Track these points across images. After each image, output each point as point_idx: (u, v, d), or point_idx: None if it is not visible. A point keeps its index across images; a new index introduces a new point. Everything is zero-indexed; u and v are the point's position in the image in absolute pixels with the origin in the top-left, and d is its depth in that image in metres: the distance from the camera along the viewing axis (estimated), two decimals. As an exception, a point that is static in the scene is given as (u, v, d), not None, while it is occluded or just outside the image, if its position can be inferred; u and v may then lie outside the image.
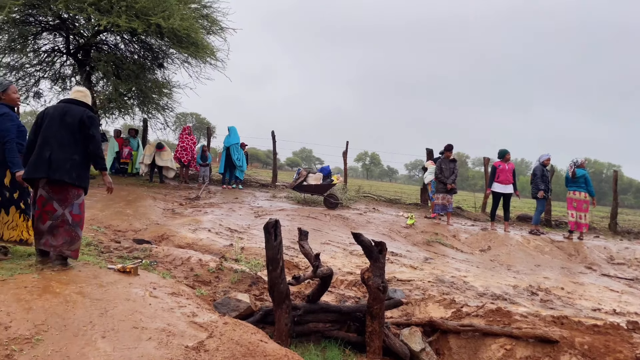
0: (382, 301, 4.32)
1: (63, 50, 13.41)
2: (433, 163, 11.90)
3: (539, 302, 6.00)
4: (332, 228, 9.16)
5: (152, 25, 10.81)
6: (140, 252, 5.76)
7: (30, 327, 2.70)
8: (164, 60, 14.03)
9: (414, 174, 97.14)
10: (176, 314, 3.41)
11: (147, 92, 13.52)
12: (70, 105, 4.36)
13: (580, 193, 10.01)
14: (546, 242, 9.65)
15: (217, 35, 13.54)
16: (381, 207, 13.22)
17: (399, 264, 7.13)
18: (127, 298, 3.43)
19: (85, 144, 4.25)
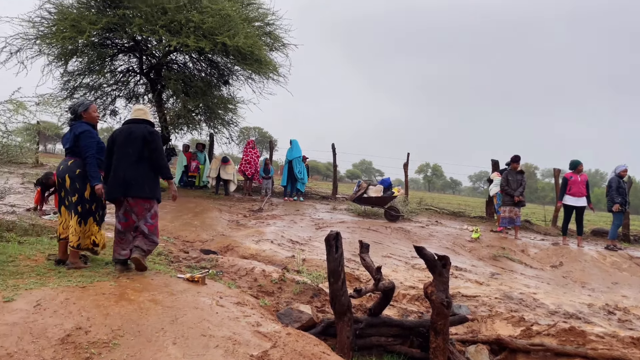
0: (446, 317, 4.22)
1: (137, 70, 14.26)
2: (499, 175, 11.52)
3: (616, 322, 5.63)
4: (393, 241, 9.06)
5: (219, 44, 11.28)
6: (207, 262, 5.97)
7: (108, 332, 2.87)
8: (229, 77, 14.58)
9: (478, 185, 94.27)
10: (241, 323, 3.50)
11: (213, 108, 14.08)
12: (133, 125, 4.78)
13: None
14: (624, 259, 9.04)
15: (280, 52, 13.93)
16: (444, 220, 12.92)
17: (463, 279, 6.93)
18: (195, 306, 3.57)
19: (151, 157, 4.69)
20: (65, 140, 4.71)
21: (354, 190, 12.17)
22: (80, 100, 4.78)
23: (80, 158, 4.59)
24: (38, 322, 2.90)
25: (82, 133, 4.56)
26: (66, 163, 4.63)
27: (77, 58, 12.58)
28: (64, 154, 4.90)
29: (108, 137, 4.92)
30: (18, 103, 5.45)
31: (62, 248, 4.74)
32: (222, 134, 15.42)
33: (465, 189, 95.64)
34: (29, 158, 16.92)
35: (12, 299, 3.22)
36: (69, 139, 4.64)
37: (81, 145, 4.54)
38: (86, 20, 10.64)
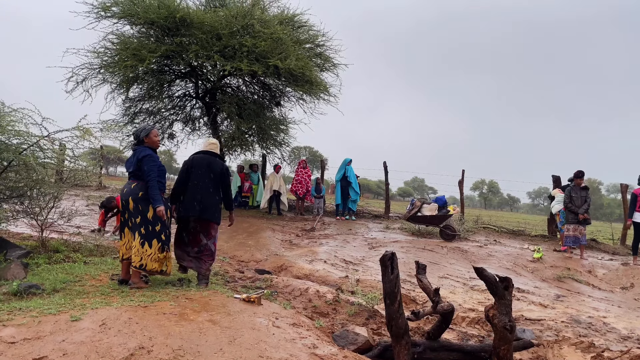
0: (509, 342, 4.02)
1: (193, 95, 14.81)
2: (561, 191, 11.01)
3: (700, 350, 5.17)
4: (450, 261, 8.81)
5: (271, 67, 11.55)
6: (262, 282, 6.02)
7: (169, 351, 2.93)
8: (281, 98, 14.86)
9: (537, 202, 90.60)
10: (298, 345, 3.48)
11: (265, 129, 14.36)
12: (211, 157, 5.49)
13: None
14: None
15: (330, 72, 14.08)
16: (503, 239, 12.45)
17: (526, 302, 6.61)
18: (252, 327, 3.59)
19: (223, 190, 5.46)
20: (129, 164, 4.93)
21: (407, 209, 11.98)
22: (142, 125, 5.02)
23: (142, 181, 4.78)
24: (103, 341, 2.99)
25: (145, 157, 4.76)
26: (129, 186, 4.83)
27: (138, 85, 13.25)
28: (127, 177, 5.12)
29: (185, 160, 5.54)
30: (85, 129, 5.76)
31: (125, 268, 4.92)
32: (274, 154, 15.69)
33: (523, 206, 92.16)
34: (93, 181, 17.87)
35: (79, 318, 3.36)
36: (132, 162, 4.85)
37: (144, 169, 4.73)
38: (146, 49, 11.20)
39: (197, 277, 5.34)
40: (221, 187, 5.42)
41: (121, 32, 12.31)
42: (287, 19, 13.20)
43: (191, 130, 15.55)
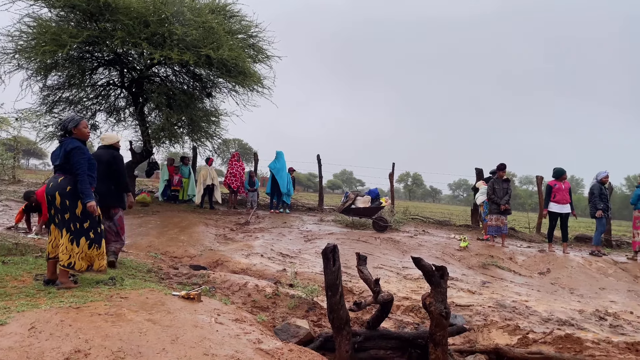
0: (445, 328, 4.20)
1: (118, 84, 14.08)
2: (484, 183, 11.64)
3: (608, 327, 5.70)
4: (384, 252, 9.06)
5: (202, 57, 11.22)
6: (199, 278, 5.87)
7: (108, 354, 2.78)
8: (213, 89, 14.49)
9: (458, 193, 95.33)
10: (242, 340, 3.43)
11: (196, 121, 13.96)
12: (104, 150, 6.11)
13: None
14: (609, 264, 9.19)
15: (263, 63, 13.91)
16: (431, 229, 12.99)
17: (456, 289, 6.95)
18: (194, 325, 3.49)
19: (114, 176, 5.99)
20: (55, 157, 4.59)
21: (341, 201, 12.15)
22: (71, 115, 4.67)
23: (70, 175, 4.47)
24: (34, 345, 2.79)
25: (74, 150, 4.46)
26: (56, 180, 4.51)
27: (57, 72, 12.36)
28: (53, 170, 4.78)
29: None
30: (2, 119, 5.29)
31: (51, 267, 4.60)
32: (205, 146, 15.30)
33: (445, 197, 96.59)
34: (7, 175, 16.52)
35: (4, 322, 3.10)
36: (58, 155, 4.52)
37: (72, 162, 4.43)
38: (66, 34, 10.47)
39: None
40: (111, 174, 5.94)
41: (39, 15, 11.42)
42: (219, 8, 12.88)
43: (116, 121, 14.79)
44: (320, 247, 7.79)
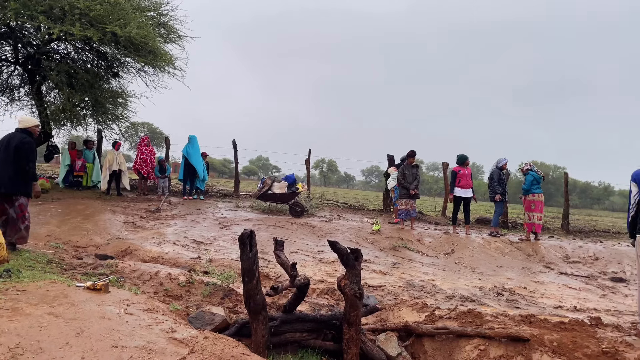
0: (358, 308, 4.34)
1: (11, 60, 12.82)
2: (396, 169, 12.09)
3: (505, 302, 6.19)
4: (300, 236, 9.14)
5: (108, 34, 10.51)
6: (106, 268, 5.56)
7: (5, 351, 2.55)
8: (120, 69, 13.65)
9: (370, 179, 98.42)
10: (154, 330, 3.30)
11: (102, 102, 13.09)
12: (16, 133, 5.97)
13: (540, 195, 10.39)
14: (506, 244, 9.98)
15: (175, 44, 13.32)
16: (345, 213, 13.30)
17: (368, 270, 7.19)
18: (102, 316, 3.30)
19: (19, 163, 5.82)
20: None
21: (258, 187, 12.06)
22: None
23: None
24: None
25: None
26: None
27: None
28: None
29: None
30: None
31: None
32: (112, 129, 14.43)
33: (358, 183, 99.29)
34: None
35: None
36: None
37: None
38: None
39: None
40: (18, 160, 5.81)
41: None
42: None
43: (9, 101, 13.48)
44: (237, 234, 7.70)
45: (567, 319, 4.98)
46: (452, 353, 4.53)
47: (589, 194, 67.67)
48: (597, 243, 11.08)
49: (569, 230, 13.25)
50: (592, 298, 6.90)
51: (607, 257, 9.52)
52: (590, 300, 6.70)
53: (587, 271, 8.83)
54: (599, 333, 4.56)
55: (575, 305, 6.25)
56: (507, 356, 4.28)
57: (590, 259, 9.51)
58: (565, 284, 7.67)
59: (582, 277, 8.35)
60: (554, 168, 67.92)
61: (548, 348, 4.26)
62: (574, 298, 6.77)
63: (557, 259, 9.49)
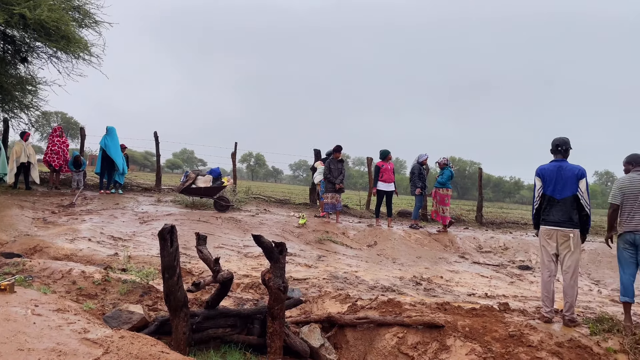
0: (283, 301, 4.37)
1: None
2: (322, 163, 12.23)
3: (423, 291, 6.48)
4: (225, 231, 9.01)
5: (15, 16, 9.72)
6: (12, 267, 5.17)
7: None
8: (29, 54, 12.68)
9: (298, 174, 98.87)
10: (65, 331, 3.13)
11: (8, 89, 12.10)
12: None
13: (450, 190, 10.95)
14: (425, 235, 10.43)
15: (91, 29, 12.57)
16: (272, 208, 13.28)
17: (294, 264, 7.24)
18: (6, 318, 3.08)
19: None
20: None
21: (181, 181, 11.70)
22: None
23: None
24: None
25: None
26: None
27: None
28: None
29: None
30: None
31: None
32: (20, 119, 13.39)
33: (286, 177, 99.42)
34: None
35: None
36: None
37: None
38: None
39: None
40: None
41: None
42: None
43: None
44: (158, 229, 7.42)
45: (479, 305, 5.32)
46: (373, 341, 4.68)
47: (501, 188, 72.26)
48: (507, 234, 11.88)
49: (483, 222, 14.08)
50: (501, 285, 7.40)
51: (515, 246, 10.24)
52: (499, 287, 7.18)
53: (497, 260, 9.46)
54: (506, 318, 4.91)
55: (487, 292, 6.67)
56: (424, 342, 4.49)
57: (500, 248, 10.18)
58: (478, 273, 8.17)
59: (493, 266, 8.92)
60: (470, 163, 71.88)
61: (461, 333, 4.52)
62: (486, 285, 7.22)
63: (471, 249, 10.07)
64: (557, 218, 4.90)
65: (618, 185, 5.34)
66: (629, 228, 5.12)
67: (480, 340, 4.42)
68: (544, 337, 4.44)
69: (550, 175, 4.96)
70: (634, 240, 5.08)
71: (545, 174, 5.00)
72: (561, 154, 5.05)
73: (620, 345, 4.39)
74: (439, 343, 4.43)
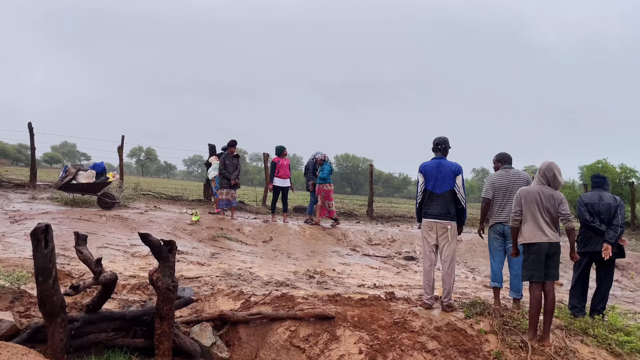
0: (172, 301, 4.22)
1: None
2: (217, 159, 11.98)
3: (316, 284, 6.64)
4: (110, 230, 8.47)
5: None
6: None
7: None
8: None
9: (193, 169, 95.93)
10: None
11: None
12: None
13: (331, 184, 11.15)
14: (319, 230, 10.68)
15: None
16: (163, 205, 12.74)
17: (185, 262, 7.03)
18: None
19: None
20: None
21: (60, 176, 10.77)
22: None
23: None
24: None
25: None
26: None
27: None
28: None
29: None
30: None
31: None
32: None
33: (180, 173, 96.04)
34: None
35: None
36: None
37: None
38: None
39: None
40: None
41: None
42: None
43: None
44: (32, 228, 6.81)
45: (367, 295, 5.57)
46: (266, 336, 4.70)
47: (391, 184, 76.23)
48: (395, 227, 12.57)
49: (373, 216, 14.75)
50: (388, 275, 7.81)
51: (402, 239, 10.87)
52: (387, 278, 7.57)
53: (386, 252, 9.97)
54: (392, 306, 5.20)
55: (375, 282, 7.01)
56: (315, 334, 4.61)
57: (389, 241, 10.74)
58: (368, 264, 8.55)
59: (381, 258, 9.39)
60: (363, 160, 74.86)
61: (350, 323, 4.70)
62: (375, 276, 7.58)
63: (362, 242, 10.51)
64: (437, 211, 5.27)
65: (489, 182, 5.91)
66: (499, 220, 5.69)
67: (367, 328, 4.63)
68: (425, 322, 4.76)
69: (431, 172, 5.32)
70: (503, 231, 5.65)
71: (427, 170, 5.35)
72: (441, 152, 5.44)
73: (490, 327, 4.84)
74: (330, 334, 4.57)
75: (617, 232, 5.43)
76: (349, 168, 78.70)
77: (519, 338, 4.70)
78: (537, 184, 4.93)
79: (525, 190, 4.91)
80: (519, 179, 5.65)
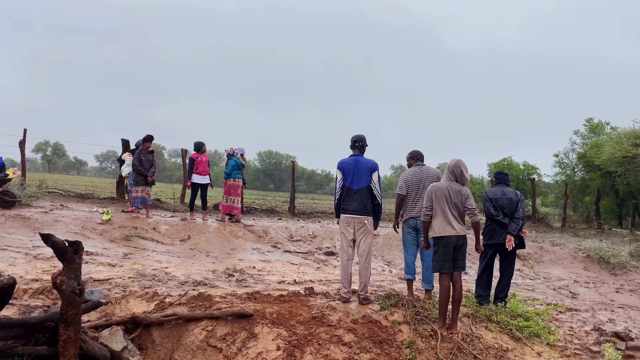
0: (78, 305, 3.98)
1: None
2: (131, 155, 11.43)
3: (235, 282, 6.55)
4: (9, 231, 7.82)
5: None
6: None
7: None
8: None
9: (106, 165, 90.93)
10: None
11: None
12: None
13: (239, 180, 10.89)
14: (240, 227, 10.54)
15: None
16: (71, 203, 11.97)
17: (95, 263, 6.65)
18: None
19: None
20: None
21: (-51, 173, 9.76)
22: None
23: None
24: None
25: None
26: None
27: None
28: None
29: None
30: None
31: None
32: None
33: (91, 170, 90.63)
34: None
35: None
36: None
37: None
38: None
39: None
40: None
41: None
42: None
43: None
44: None
45: (287, 291, 5.59)
46: (181, 338, 4.57)
47: (314, 180, 76.97)
48: (316, 223, 12.71)
49: (295, 212, 14.82)
50: (309, 271, 7.89)
51: (322, 234, 11.01)
52: (307, 273, 7.65)
53: (307, 248, 10.06)
54: (311, 301, 5.25)
55: (295, 278, 7.05)
56: (233, 333, 4.55)
57: (310, 237, 10.84)
58: (289, 261, 8.57)
59: (302, 254, 9.46)
60: (286, 157, 74.87)
61: (268, 320, 4.69)
62: (295, 272, 7.62)
63: (284, 238, 10.52)
64: (354, 207, 5.40)
65: (403, 178, 6.14)
66: (412, 215, 5.94)
67: (286, 325, 4.65)
68: (342, 316, 4.87)
69: (349, 168, 5.44)
70: (415, 225, 5.91)
71: (345, 167, 5.47)
72: (358, 149, 5.58)
73: (403, 317, 5.05)
74: (248, 332, 4.53)
75: (519, 225, 5.87)
76: (272, 165, 78.37)
77: (430, 327, 4.95)
78: (446, 180, 5.21)
79: (435, 187, 5.17)
80: (430, 176, 5.93)
